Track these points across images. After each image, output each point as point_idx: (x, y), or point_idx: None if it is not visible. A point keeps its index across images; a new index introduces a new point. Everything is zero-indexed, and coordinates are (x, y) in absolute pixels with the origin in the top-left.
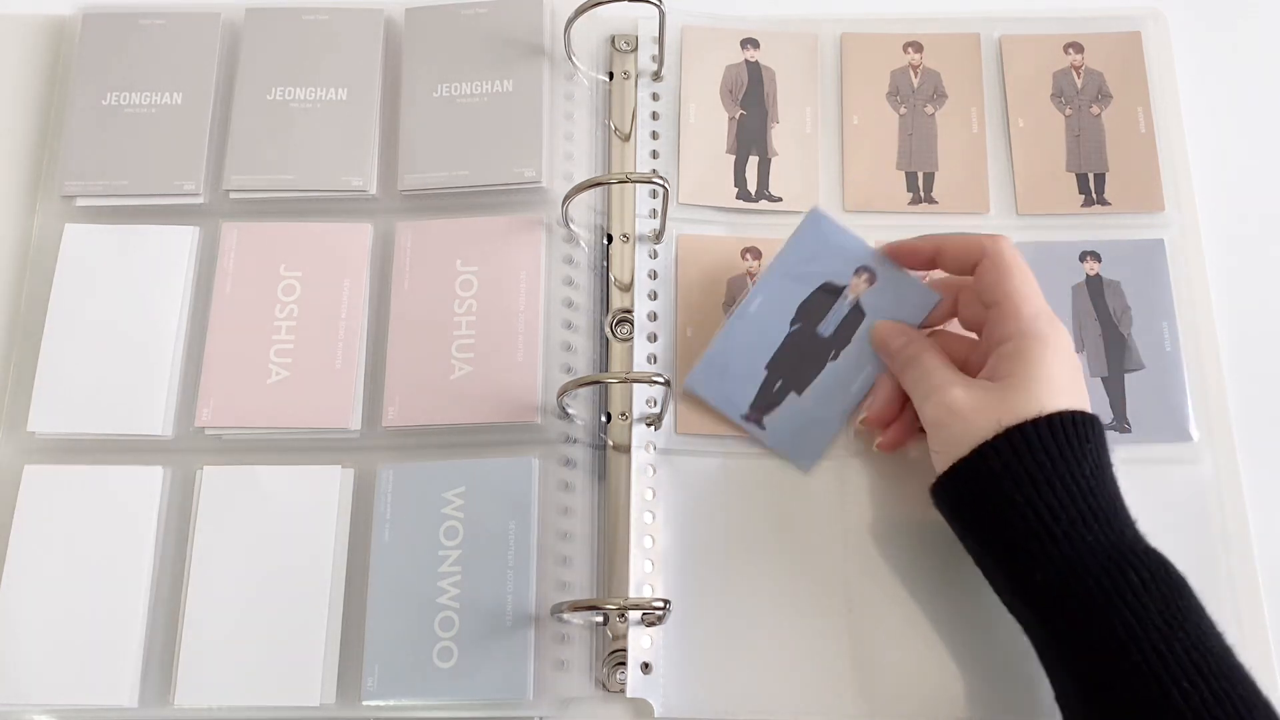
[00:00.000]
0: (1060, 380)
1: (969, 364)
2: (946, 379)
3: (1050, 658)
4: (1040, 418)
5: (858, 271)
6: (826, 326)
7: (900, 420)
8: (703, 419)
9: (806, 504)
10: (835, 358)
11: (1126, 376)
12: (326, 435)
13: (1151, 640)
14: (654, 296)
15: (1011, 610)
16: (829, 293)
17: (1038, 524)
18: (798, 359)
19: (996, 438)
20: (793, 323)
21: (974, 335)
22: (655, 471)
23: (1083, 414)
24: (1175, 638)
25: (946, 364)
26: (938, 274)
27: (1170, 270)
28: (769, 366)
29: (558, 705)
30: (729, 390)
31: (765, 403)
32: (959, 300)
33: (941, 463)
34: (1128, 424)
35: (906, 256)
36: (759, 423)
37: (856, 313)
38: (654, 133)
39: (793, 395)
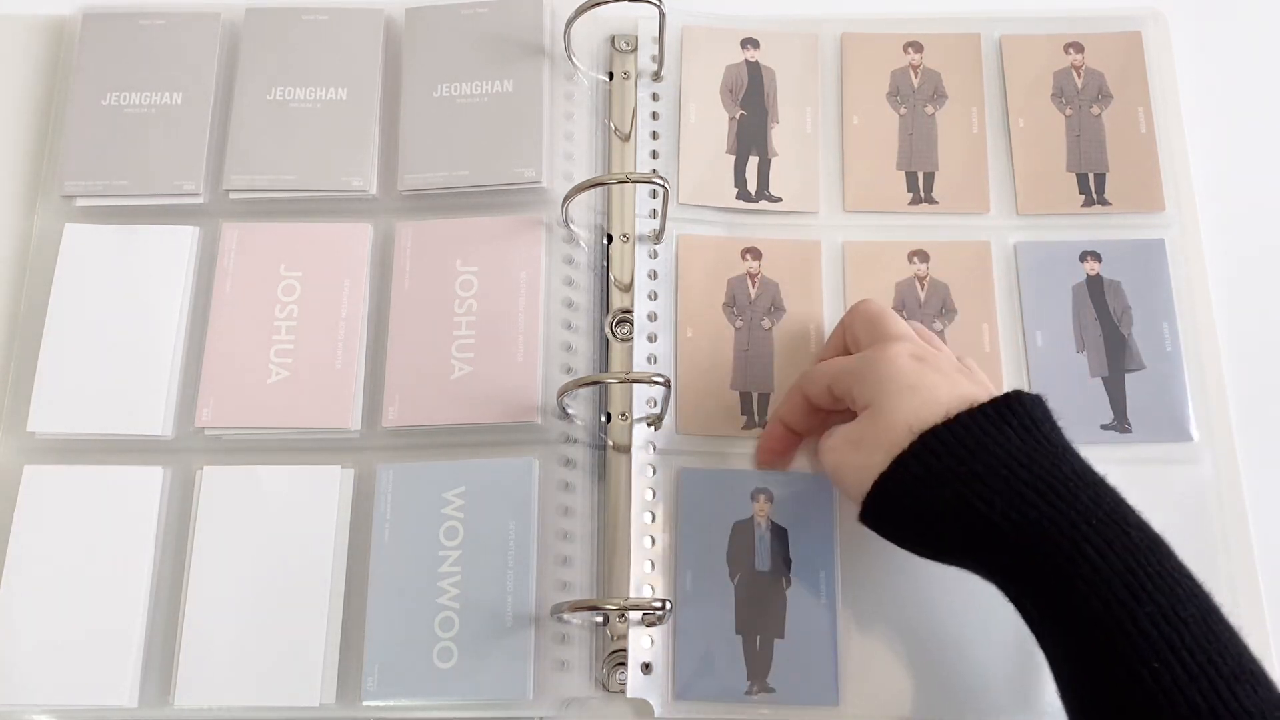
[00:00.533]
0: (912, 378)
1: None
2: (831, 433)
3: (1039, 641)
4: (950, 417)
5: (753, 496)
6: (761, 561)
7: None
8: (703, 419)
9: None
10: (790, 584)
11: (1127, 376)
12: (326, 435)
13: (1115, 617)
14: (654, 296)
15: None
16: (742, 530)
17: (972, 516)
18: (759, 606)
19: (912, 445)
20: (731, 576)
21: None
22: (655, 471)
23: (995, 401)
24: (1141, 612)
25: (839, 425)
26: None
27: (1170, 270)
28: (740, 630)
29: (558, 705)
30: (718, 677)
31: (758, 666)
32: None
33: (858, 505)
34: (1128, 424)
35: (778, 448)
36: (765, 688)
37: (778, 533)
38: (654, 133)
39: (778, 643)
